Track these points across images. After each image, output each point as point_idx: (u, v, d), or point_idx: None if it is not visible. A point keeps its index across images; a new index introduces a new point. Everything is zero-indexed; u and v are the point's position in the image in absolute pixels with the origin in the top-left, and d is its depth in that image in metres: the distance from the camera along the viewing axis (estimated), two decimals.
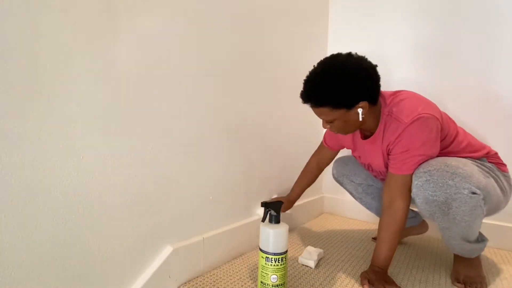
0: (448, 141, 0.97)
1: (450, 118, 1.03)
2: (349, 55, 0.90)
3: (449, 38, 1.43)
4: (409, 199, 0.93)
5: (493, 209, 0.95)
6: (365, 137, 1.05)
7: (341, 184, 1.33)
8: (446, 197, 0.83)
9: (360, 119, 0.89)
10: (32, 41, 0.60)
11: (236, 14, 1.11)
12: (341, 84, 0.85)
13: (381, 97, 0.96)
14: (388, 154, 0.98)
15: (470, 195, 0.82)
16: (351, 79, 0.85)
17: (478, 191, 0.82)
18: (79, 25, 0.67)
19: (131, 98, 0.78)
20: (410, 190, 0.92)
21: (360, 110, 0.88)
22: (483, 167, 0.93)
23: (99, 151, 0.72)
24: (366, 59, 0.90)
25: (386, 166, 1.00)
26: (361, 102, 0.87)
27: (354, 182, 1.27)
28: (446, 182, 0.83)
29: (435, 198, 0.84)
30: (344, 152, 1.71)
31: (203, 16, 0.97)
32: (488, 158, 0.99)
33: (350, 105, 0.87)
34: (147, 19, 0.81)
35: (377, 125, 0.97)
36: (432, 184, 0.84)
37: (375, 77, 0.90)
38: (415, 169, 0.90)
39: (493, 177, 0.93)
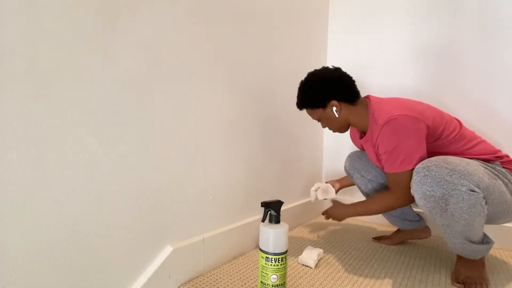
0: (445, 140, 0.98)
1: (453, 119, 1.04)
2: (324, 68, 1.09)
3: (450, 40, 1.42)
4: (400, 195, 0.98)
5: (502, 213, 0.93)
6: (362, 136, 1.15)
7: (351, 177, 1.33)
8: (443, 193, 0.84)
9: (337, 115, 1.07)
10: (32, 41, 0.60)
11: (237, 14, 1.11)
12: (311, 89, 1.07)
13: (369, 101, 1.07)
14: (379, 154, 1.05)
15: (468, 192, 0.82)
16: (318, 85, 1.06)
17: (477, 190, 0.82)
18: (79, 25, 0.67)
19: (131, 98, 0.78)
20: (403, 187, 0.96)
21: (334, 108, 1.06)
22: (492, 169, 0.92)
23: (99, 151, 0.72)
24: (338, 69, 1.08)
25: (380, 163, 1.09)
26: (331, 101, 1.05)
27: (365, 177, 1.28)
28: (444, 177, 0.83)
29: (432, 193, 0.85)
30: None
31: (203, 16, 0.97)
32: (503, 164, 0.98)
33: (323, 104, 1.06)
34: (147, 19, 0.81)
35: (366, 126, 1.08)
36: (430, 179, 0.85)
37: (343, 82, 1.06)
38: (404, 167, 0.94)
39: (502, 181, 0.91)
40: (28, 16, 0.59)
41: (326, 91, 1.05)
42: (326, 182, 1.42)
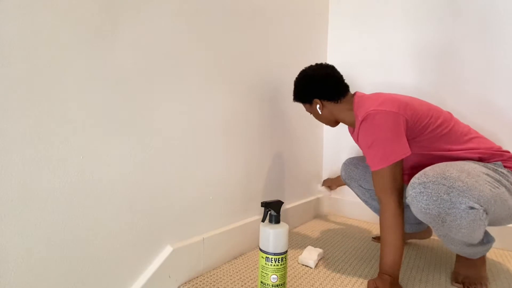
0: (433, 134, 0.94)
1: (442, 112, 0.99)
2: (317, 65, 1.13)
3: (449, 41, 1.42)
4: (395, 191, 0.90)
5: (504, 218, 0.90)
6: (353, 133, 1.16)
7: (349, 186, 1.33)
8: (439, 212, 0.79)
9: (320, 112, 1.12)
10: (32, 41, 0.60)
11: (237, 13, 1.11)
12: (298, 87, 1.14)
13: (355, 97, 1.07)
14: None
15: (468, 210, 0.77)
16: (303, 83, 1.12)
17: (477, 206, 0.77)
18: (79, 25, 0.67)
19: (130, 98, 0.78)
20: (392, 181, 0.90)
21: (317, 106, 1.11)
22: (494, 174, 0.87)
23: (99, 151, 0.72)
24: (326, 67, 1.11)
25: None
26: (314, 99, 1.11)
27: (362, 187, 1.27)
28: (441, 196, 0.78)
29: (428, 211, 0.80)
30: (354, 153, 1.71)
31: (202, 15, 0.97)
32: (504, 162, 0.93)
33: (308, 101, 1.12)
34: (147, 19, 0.81)
35: (353, 122, 1.10)
36: (425, 197, 0.79)
37: (327, 82, 1.08)
38: (384, 162, 0.89)
39: (505, 187, 0.86)
40: (28, 16, 0.59)
41: (308, 90, 1.11)
42: (328, 179, 1.38)
